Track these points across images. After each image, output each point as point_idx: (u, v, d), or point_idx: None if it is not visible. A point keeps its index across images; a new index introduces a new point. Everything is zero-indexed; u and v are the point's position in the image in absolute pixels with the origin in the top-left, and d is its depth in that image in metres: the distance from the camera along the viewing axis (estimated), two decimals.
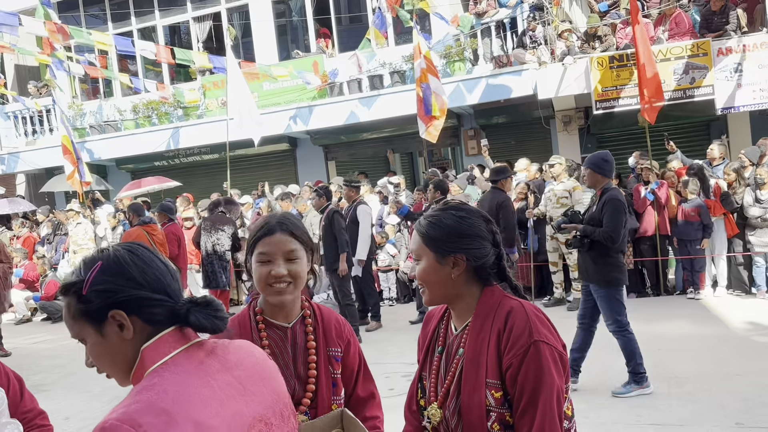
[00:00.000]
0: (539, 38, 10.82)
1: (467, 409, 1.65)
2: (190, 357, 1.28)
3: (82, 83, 15.91)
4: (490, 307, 1.70)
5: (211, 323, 1.29)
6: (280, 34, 14.36)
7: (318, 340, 1.94)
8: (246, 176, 13.91)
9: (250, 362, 1.37)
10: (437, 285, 1.74)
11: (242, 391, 1.30)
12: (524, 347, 1.60)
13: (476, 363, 1.66)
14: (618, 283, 5.00)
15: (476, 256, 1.71)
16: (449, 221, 1.74)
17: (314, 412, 1.86)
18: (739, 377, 5.18)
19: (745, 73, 9.51)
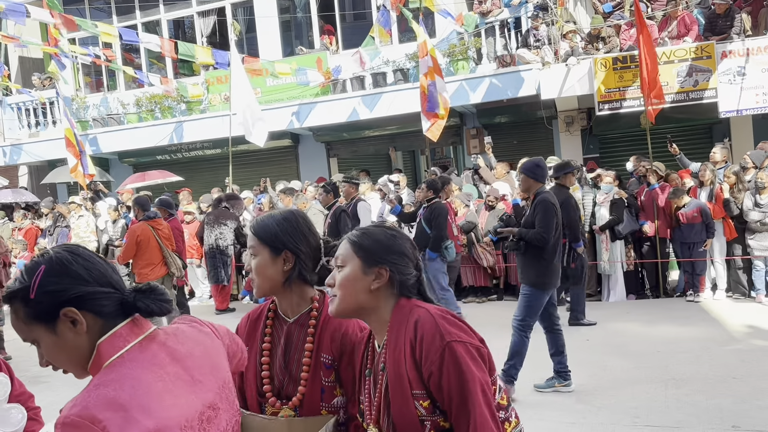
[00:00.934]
0: (543, 38, 10.82)
1: (400, 422, 1.67)
2: (144, 350, 1.34)
3: (86, 76, 15.93)
4: (402, 318, 1.72)
5: (158, 307, 1.37)
6: (284, 30, 14.35)
7: (315, 342, 1.93)
8: (248, 172, 13.92)
9: (198, 352, 1.44)
10: (354, 293, 1.75)
11: (191, 382, 1.37)
12: (439, 352, 1.61)
13: (399, 377, 1.67)
14: (543, 287, 5.10)
15: (400, 271, 1.76)
16: (381, 236, 1.80)
17: (302, 411, 1.89)
18: (737, 380, 5.19)
19: (749, 76, 9.51)
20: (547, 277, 5.10)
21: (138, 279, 7.37)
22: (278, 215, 1.99)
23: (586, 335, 6.96)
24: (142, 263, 7.25)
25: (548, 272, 5.10)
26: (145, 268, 7.22)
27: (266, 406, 1.93)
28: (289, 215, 2.00)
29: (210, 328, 1.57)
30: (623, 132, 11.65)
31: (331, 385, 1.92)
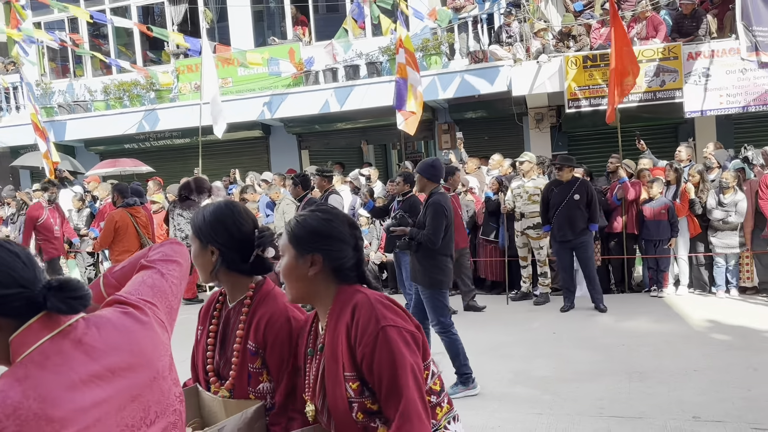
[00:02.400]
0: (515, 35, 10.92)
1: (333, 403, 1.75)
2: (56, 348, 1.29)
3: (51, 61, 15.57)
4: (343, 303, 1.78)
5: (67, 306, 1.30)
6: (256, 20, 14.23)
7: (245, 329, 2.00)
8: (217, 162, 13.79)
9: (125, 344, 1.38)
10: (295, 281, 1.83)
11: (110, 378, 1.32)
12: (373, 335, 1.67)
13: (334, 359, 1.74)
14: (441, 286, 5.17)
15: (333, 258, 1.81)
16: (314, 222, 1.84)
17: (234, 394, 1.98)
18: (697, 373, 5.34)
19: (713, 77, 9.73)
20: (441, 276, 5.15)
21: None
22: (210, 208, 2.05)
23: (552, 329, 7.08)
24: (119, 250, 7.17)
25: (441, 272, 5.16)
26: (122, 254, 7.13)
27: (211, 385, 2.03)
28: (217, 208, 2.04)
29: (150, 309, 1.51)
30: (592, 129, 11.84)
31: (257, 371, 1.98)
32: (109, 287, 1.80)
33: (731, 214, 7.92)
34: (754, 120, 11.22)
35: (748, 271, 8.21)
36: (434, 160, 5.55)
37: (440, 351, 5.17)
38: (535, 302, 8.33)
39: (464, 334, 6.76)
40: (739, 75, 9.63)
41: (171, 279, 1.67)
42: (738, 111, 9.92)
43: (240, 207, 2.08)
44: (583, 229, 7.73)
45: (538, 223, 8.25)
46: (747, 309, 7.47)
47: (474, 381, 5.16)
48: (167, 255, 1.75)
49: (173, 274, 1.69)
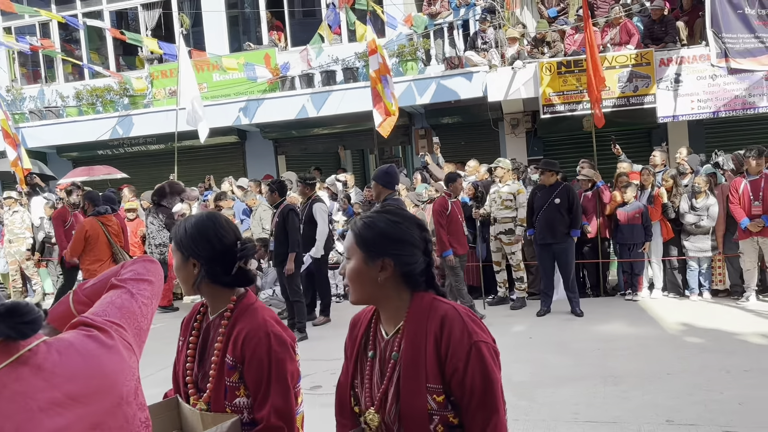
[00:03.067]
0: (490, 41, 10.99)
1: (408, 413, 1.67)
2: (14, 375, 1.25)
3: (22, 66, 15.33)
4: (423, 311, 1.72)
5: (16, 332, 1.25)
6: (231, 25, 14.15)
7: (224, 342, 1.97)
8: (193, 168, 13.65)
9: (87, 370, 1.33)
10: (363, 286, 1.76)
11: (71, 405, 1.27)
12: (466, 350, 1.64)
13: (415, 368, 1.68)
14: None
15: (404, 262, 1.74)
16: (383, 224, 1.77)
17: (212, 407, 1.96)
18: (671, 376, 5.39)
19: (685, 83, 9.89)
20: None
21: (85, 275, 7.18)
22: (191, 220, 2.03)
23: (528, 333, 7.12)
24: (90, 259, 7.06)
25: None
26: (94, 264, 7.03)
27: (190, 397, 2.01)
28: (199, 220, 2.02)
29: (117, 332, 1.46)
30: (566, 135, 11.96)
31: (234, 386, 1.93)
32: (79, 304, 1.75)
33: (703, 218, 8.04)
34: (725, 125, 11.42)
35: (720, 274, 8.33)
36: (389, 167, 5.58)
37: None
38: (512, 307, 8.37)
39: None
40: (710, 81, 9.79)
41: (141, 299, 1.62)
42: (709, 116, 10.09)
43: (222, 219, 2.06)
44: (564, 233, 7.79)
45: (510, 228, 8.30)
46: (719, 312, 7.57)
47: None
48: (139, 274, 1.70)
49: (144, 294, 1.64)
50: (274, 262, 7.68)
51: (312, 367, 6.07)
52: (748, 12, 8.99)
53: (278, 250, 7.46)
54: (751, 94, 9.66)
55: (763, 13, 9.06)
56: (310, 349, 6.88)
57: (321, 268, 8.26)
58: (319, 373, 5.89)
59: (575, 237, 8.01)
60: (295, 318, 7.38)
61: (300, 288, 7.65)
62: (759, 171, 7.65)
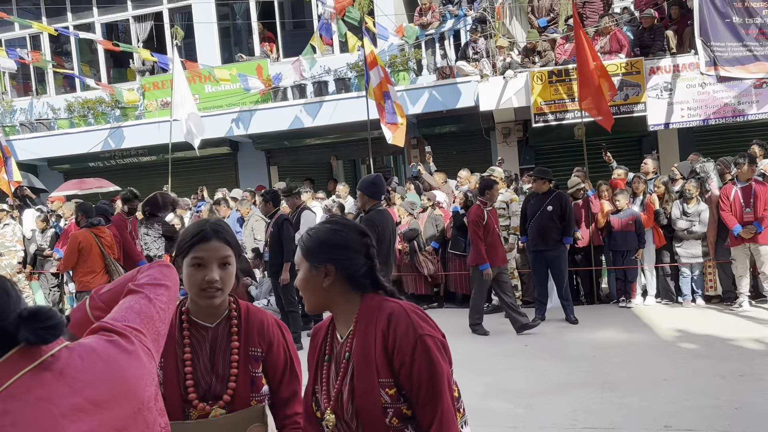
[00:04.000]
0: (481, 51, 11.07)
1: (364, 409, 1.76)
2: (37, 380, 1.24)
3: (12, 79, 15.28)
4: (371, 311, 1.82)
5: (37, 337, 1.24)
6: (223, 37, 14.18)
7: (240, 339, 2.03)
8: (185, 179, 13.63)
9: (108, 375, 1.33)
10: (312, 293, 1.87)
11: (93, 411, 1.27)
12: (412, 344, 1.73)
13: (366, 365, 1.77)
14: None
15: (344, 266, 1.84)
16: (323, 234, 1.90)
17: (232, 407, 1.97)
18: (667, 382, 5.41)
19: (675, 91, 9.99)
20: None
21: (78, 287, 7.12)
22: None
23: (524, 341, 7.12)
24: (83, 271, 7.01)
25: None
26: (87, 275, 6.98)
27: (191, 412, 1.97)
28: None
29: (137, 337, 1.46)
30: (558, 143, 12.02)
31: (259, 376, 2.03)
32: (96, 309, 1.75)
33: (695, 223, 8.10)
34: (715, 132, 11.52)
35: (711, 281, 8.38)
36: (375, 177, 5.57)
37: None
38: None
39: None
40: (699, 89, 9.90)
41: (159, 304, 1.61)
42: (699, 124, 10.18)
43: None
44: (556, 241, 7.81)
45: (503, 237, 8.32)
46: (713, 318, 7.61)
47: None
48: (156, 279, 1.69)
49: (161, 299, 1.63)
50: (269, 272, 7.66)
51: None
52: (736, 21, 9.12)
53: (273, 260, 7.44)
54: (741, 101, 9.77)
55: (751, 22, 9.18)
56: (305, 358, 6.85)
57: None
58: None
59: (568, 244, 8.04)
60: (290, 328, 7.35)
61: (295, 298, 7.62)
62: (749, 178, 7.72)
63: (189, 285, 1.98)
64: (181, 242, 2.03)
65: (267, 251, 7.62)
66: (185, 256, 1.99)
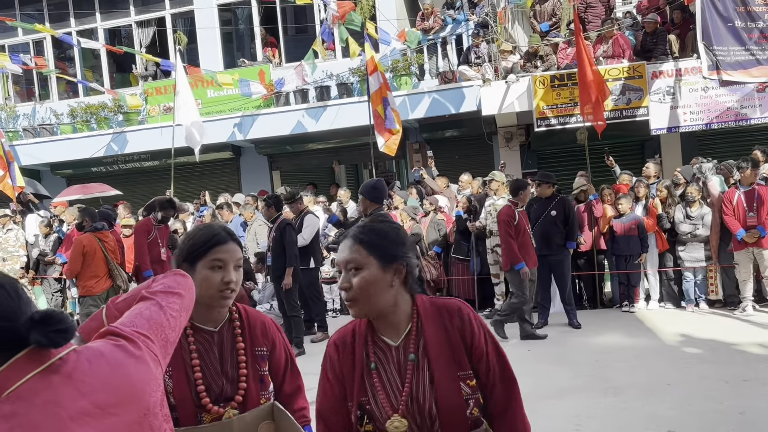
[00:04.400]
0: (484, 55, 11.07)
1: (446, 404, 1.74)
2: (45, 383, 1.25)
3: (15, 84, 15.33)
4: (432, 309, 1.82)
5: (48, 339, 1.25)
6: (225, 42, 14.21)
7: (245, 341, 2.07)
8: (188, 184, 13.64)
9: (116, 380, 1.34)
10: (378, 293, 1.76)
11: (100, 415, 1.27)
12: (484, 334, 1.82)
13: (446, 362, 1.77)
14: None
15: (411, 266, 1.82)
16: (389, 230, 1.84)
17: (243, 407, 2.00)
18: (671, 387, 5.39)
19: (677, 96, 9.98)
20: None
21: (82, 292, 7.12)
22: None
23: (527, 346, 7.10)
24: (87, 275, 7.03)
25: None
26: (90, 280, 6.99)
27: (204, 416, 1.97)
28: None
29: (144, 342, 1.46)
30: (560, 147, 12.01)
31: (266, 374, 2.09)
32: (112, 319, 1.73)
33: (699, 227, 8.09)
34: (717, 136, 11.51)
35: (713, 285, 8.36)
36: (377, 181, 5.56)
37: None
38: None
39: None
40: (702, 93, 9.89)
41: (170, 312, 1.61)
42: (701, 128, 10.17)
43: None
44: (560, 245, 7.80)
45: None
46: (716, 322, 7.60)
47: None
48: (169, 287, 1.70)
49: (173, 307, 1.63)
50: (272, 277, 7.66)
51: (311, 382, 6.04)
52: (738, 25, 9.12)
53: (275, 265, 7.44)
54: (743, 105, 9.76)
55: (753, 26, 9.18)
56: (308, 363, 6.83)
57: (313, 283, 8.24)
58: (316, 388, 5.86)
59: (571, 249, 8.02)
60: (293, 333, 7.35)
61: (297, 303, 7.63)
62: (752, 182, 7.70)
63: (205, 287, 1.97)
64: (195, 245, 2.01)
65: (269, 255, 7.62)
66: (200, 258, 1.99)
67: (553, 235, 7.79)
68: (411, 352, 1.79)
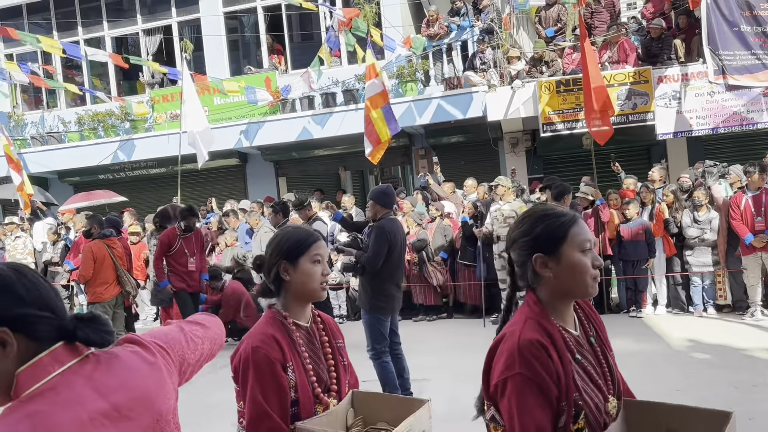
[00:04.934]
0: (489, 61, 11.09)
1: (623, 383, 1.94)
2: (67, 383, 1.28)
3: (24, 93, 15.45)
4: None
5: (100, 337, 1.32)
6: (231, 49, 14.28)
7: (327, 334, 2.24)
8: (194, 191, 13.70)
9: (132, 383, 1.37)
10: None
11: (116, 418, 1.30)
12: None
13: (608, 345, 1.93)
14: (380, 312, 5.12)
15: None
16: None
17: (339, 397, 2.15)
18: (680, 392, 5.36)
19: (683, 100, 9.96)
20: (380, 301, 5.11)
21: (91, 298, 7.15)
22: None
23: None
24: (96, 282, 7.06)
25: (382, 297, 5.12)
26: (100, 287, 7.03)
27: (317, 408, 2.08)
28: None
29: (159, 352, 1.51)
30: (566, 152, 12.01)
31: (348, 363, 2.30)
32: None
33: (706, 231, 8.06)
34: (724, 141, 11.49)
35: (720, 289, 8.32)
36: (387, 186, 5.55)
37: (374, 378, 5.16)
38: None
39: (446, 362, 6.76)
40: (708, 98, 9.87)
41: (190, 335, 1.70)
42: (708, 133, 10.15)
43: None
44: None
45: None
46: (724, 327, 7.56)
47: None
48: (194, 319, 1.83)
49: (195, 333, 1.73)
50: None
51: None
52: (744, 29, 9.10)
53: None
54: (750, 110, 9.73)
55: (759, 30, 9.16)
56: None
57: None
58: None
59: None
60: None
61: None
62: (760, 186, 7.68)
63: (310, 280, 2.14)
64: (298, 242, 2.16)
65: None
66: (302, 254, 2.14)
67: None
68: (591, 336, 1.86)
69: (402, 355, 5.35)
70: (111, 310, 7.12)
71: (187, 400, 2.26)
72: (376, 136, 9.69)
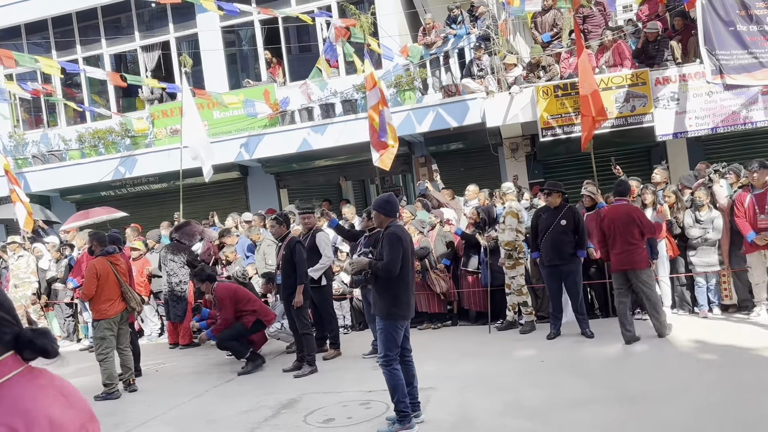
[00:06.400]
0: (486, 67, 11.12)
1: None
2: (29, 377, 1.45)
3: (24, 112, 15.51)
4: None
5: (52, 348, 1.47)
6: (230, 63, 14.34)
7: None
8: (196, 205, 13.73)
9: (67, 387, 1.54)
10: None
11: (69, 405, 1.48)
12: None
13: None
14: (395, 318, 5.14)
15: None
16: None
17: None
18: (687, 394, 5.34)
19: (682, 101, 9.98)
20: (397, 308, 5.14)
21: (96, 315, 7.12)
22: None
23: (540, 357, 7.06)
24: (101, 299, 7.04)
25: (396, 304, 5.15)
26: (104, 303, 7.01)
27: None
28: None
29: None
30: (566, 156, 12.01)
31: None
32: None
33: (709, 230, 8.04)
34: (723, 140, 11.49)
35: (726, 289, 8.29)
36: (389, 195, 5.58)
37: (382, 388, 5.15)
38: (522, 331, 8.31)
39: (451, 368, 6.74)
40: (706, 98, 9.88)
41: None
42: (707, 133, 10.15)
43: None
44: (570, 254, 7.78)
45: (510, 253, 8.28)
46: (730, 327, 7.53)
47: (411, 420, 5.07)
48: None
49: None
50: (282, 296, 7.65)
51: (324, 400, 6.02)
52: (740, 28, 9.12)
53: (286, 283, 7.44)
54: (748, 109, 9.74)
55: (755, 29, 9.18)
56: (321, 381, 6.83)
57: (326, 299, 8.25)
58: (330, 406, 5.85)
59: (582, 257, 7.99)
60: (305, 351, 7.33)
61: (309, 320, 7.61)
62: (763, 184, 7.66)
63: None
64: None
65: (279, 274, 7.63)
66: None
67: (564, 244, 7.76)
68: None
69: (412, 363, 5.35)
70: (116, 326, 7.10)
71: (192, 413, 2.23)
72: (379, 142, 9.74)
